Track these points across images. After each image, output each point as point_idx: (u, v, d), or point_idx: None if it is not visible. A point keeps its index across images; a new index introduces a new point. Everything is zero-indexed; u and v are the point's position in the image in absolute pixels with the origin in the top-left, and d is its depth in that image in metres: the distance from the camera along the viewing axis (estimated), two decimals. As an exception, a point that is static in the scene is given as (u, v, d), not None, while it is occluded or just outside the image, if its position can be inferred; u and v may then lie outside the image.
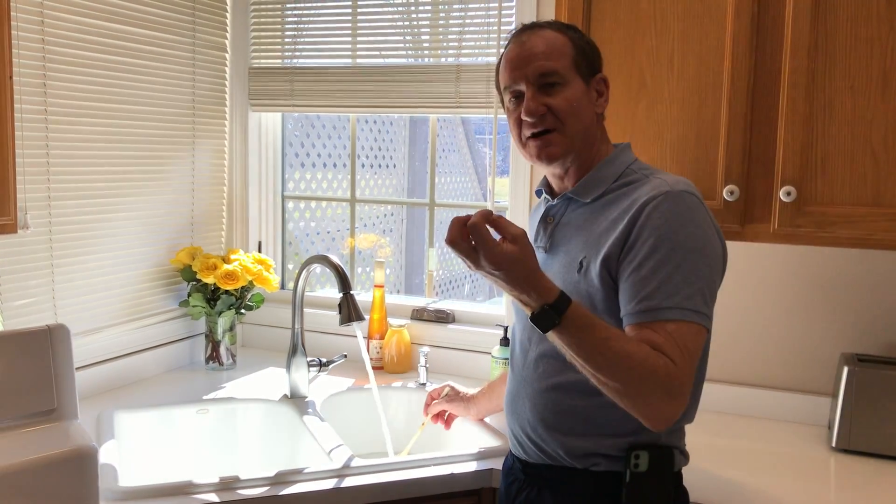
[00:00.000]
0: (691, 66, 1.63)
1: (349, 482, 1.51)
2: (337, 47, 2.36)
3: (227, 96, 2.44)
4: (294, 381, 1.95)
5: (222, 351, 2.24)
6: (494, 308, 2.34)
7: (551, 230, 1.35)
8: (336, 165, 4.93)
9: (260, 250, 2.52)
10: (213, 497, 1.42)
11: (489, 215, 1.10)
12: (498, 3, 2.14)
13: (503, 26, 2.14)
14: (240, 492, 1.45)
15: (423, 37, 2.28)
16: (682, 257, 1.16)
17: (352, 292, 1.80)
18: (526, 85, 1.28)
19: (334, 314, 1.88)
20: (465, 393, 1.80)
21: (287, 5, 2.40)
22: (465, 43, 2.20)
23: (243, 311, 2.26)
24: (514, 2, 2.11)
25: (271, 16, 2.42)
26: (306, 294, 2.21)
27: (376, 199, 5.25)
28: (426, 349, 2.12)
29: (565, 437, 1.28)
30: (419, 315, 2.34)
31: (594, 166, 1.32)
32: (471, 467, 1.58)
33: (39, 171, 1.82)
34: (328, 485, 1.49)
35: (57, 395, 1.33)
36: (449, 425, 1.83)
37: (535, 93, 1.27)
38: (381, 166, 5.54)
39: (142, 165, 2.11)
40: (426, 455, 1.61)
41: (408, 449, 1.82)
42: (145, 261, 2.15)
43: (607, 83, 1.34)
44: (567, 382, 1.26)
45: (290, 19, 2.40)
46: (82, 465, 1.24)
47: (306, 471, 1.51)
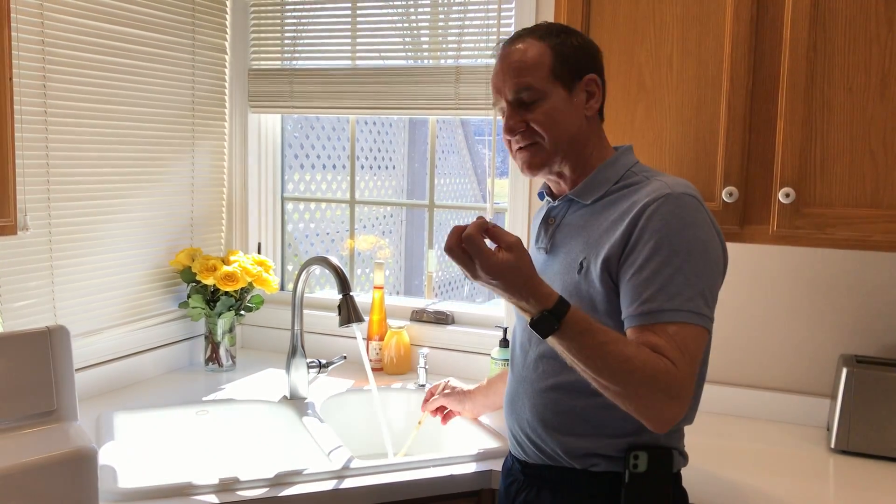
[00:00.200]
0: (690, 68, 1.63)
1: (349, 483, 1.51)
2: (336, 49, 2.36)
3: (226, 98, 2.44)
4: (293, 382, 1.95)
5: (222, 352, 2.24)
6: (494, 309, 2.34)
7: (552, 231, 1.35)
8: (335, 167, 4.94)
9: (259, 252, 2.52)
10: (212, 498, 1.42)
11: (484, 224, 1.12)
12: (497, 4, 2.14)
13: (503, 28, 2.14)
14: (239, 493, 1.45)
15: (423, 38, 2.28)
16: (683, 259, 1.16)
17: (351, 294, 1.81)
18: (505, 102, 1.30)
19: (334, 315, 1.88)
20: (462, 389, 1.80)
21: (286, 7, 2.40)
22: (464, 44, 2.20)
23: (243, 312, 2.27)
24: (514, 3, 2.11)
25: (271, 17, 2.42)
26: (306, 295, 2.21)
27: (376, 201, 5.25)
28: (426, 350, 2.12)
29: (564, 437, 1.28)
30: (419, 316, 2.34)
31: (593, 168, 1.32)
32: (470, 468, 1.58)
33: (39, 172, 1.82)
34: (328, 486, 1.49)
35: (57, 396, 1.33)
36: (446, 421, 1.83)
37: (514, 110, 1.29)
38: (380, 168, 5.55)
39: (141, 167, 2.11)
40: (426, 456, 1.61)
41: (405, 449, 1.82)
42: (145, 262, 2.15)
43: (599, 83, 1.31)
44: (567, 383, 1.26)
45: (289, 21, 2.40)
46: (82, 466, 1.24)
47: (306, 472, 1.52)
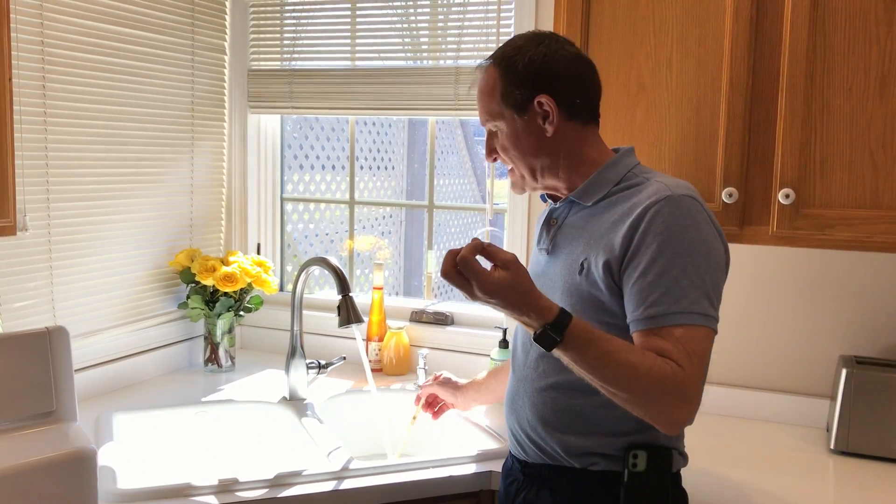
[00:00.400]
0: (690, 69, 1.63)
1: (348, 484, 1.51)
2: (336, 49, 2.36)
3: (225, 98, 2.44)
4: (293, 383, 1.95)
5: (221, 353, 2.24)
6: (493, 310, 2.34)
7: (554, 232, 1.35)
8: (335, 167, 4.93)
9: (259, 252, 2.52)
10: (211, 499, 1.42)
11: (479, 246, 1.14)
12: (497, 5, 2.14)
13: (502, 28, 2.14)
14: (239, 494, 1.45)
15: (422, 39, 2.28)
16: (687, 261, 1.17)
17: (351, 294, 1.81)
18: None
19: (333, 316, 1.88)
20: (456, 381, 1.81)
21: (286, 7, 2.40)
22: (463, 45, 2.20)
23: (242, 313, 2.26)
24: (513, 4, 2.11)
25: (270, 18, 2.42)
26: (305, 296, 2.21)
27: (375, 202, 5.25)
28: (425, 351, 2.12)
29: (564, 435, 1.29)
30: (418, 317, 2.34)
31: (586, 174, 1.32)
32: (470, 469, 1.58)
33: (38, 172, 1.82)
34: (327, 487, 1.49)
35: (56, 397, 1.33)
36: (438, 415, 1.82)
37: (489, 136, 1.37)
38: (379, 168, 5.55)
39: (141, 167, 2.11)
40: (425, 457, 1.61)
41: (401, 447, 1.82)
42: (144, 263, 2.15)
43: (551, 104, 1.27)
44: (566, 381, 1.26)
45: (289, 21, 2.40)
46: (81, 467, 1.24)
47: (305, 473, 1.51)
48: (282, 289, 2.56)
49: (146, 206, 2.14)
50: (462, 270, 1.12)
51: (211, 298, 2.21)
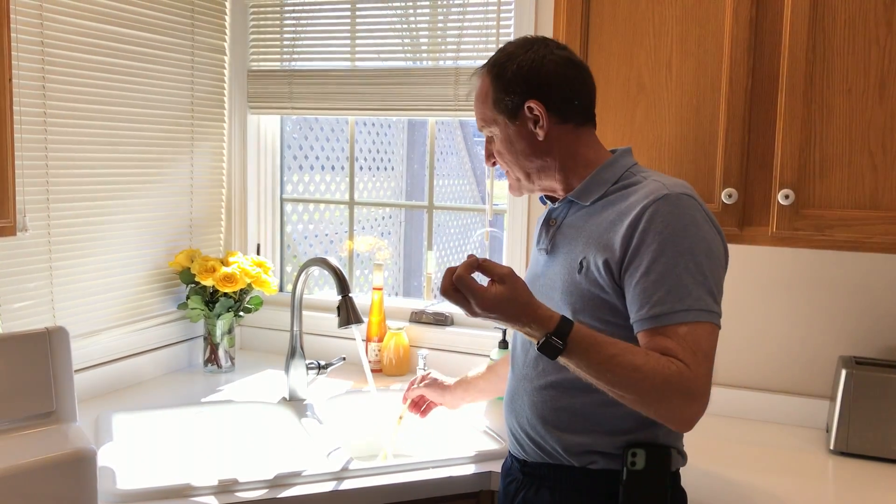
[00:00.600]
0: (690, 70, 1.63)
1: (348, 485, 1.51)
2: (336, 50, 2.36)
3: (225, 99, 2.44)
4: (293, 383, 1.95)
5: (221, 353, 2.24)
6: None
7: (553, 233, 1.36)
8: (335, 168, 4.93)
9: (259, 253, 2.52)
10: (211, 500, 1.42)
11: (474, 262, 1.15)
12: (496, 6, 2.14)
13: (502, 29, 2.14)
14: (238, 494, 1.45)
15: (422, 40, 2.28)
16: (689, 259, 1.18)
17: (350, 295, 1.81)
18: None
19: (333, 317, 1.88)
20: (443, 381, 1.80)
21: (286, 8, 2.40)
22: (463, 46, 2.21)
23: (242, 313, 2.27)
24: (513, 5, 2.11)
25: (270, 18, 2.43)
26: (305, 297, 2.21)
27: (375, 202, 5.25)
28: (425, 352, 2.12)
29: (563, 434, 1.29)
30: (418, 318, 2.34)
31: (583, 176, 1.33)
32: (470, 470, 1.58)
33: (38, 173, 1.82)
34: (327, 487, 1.49)
35: (56, 397, 1.33)
36: (426, 414, 1.82)
37: (486, 143, 1.40)
38: (379, 169, 5.55)
39: (140, 168, 2.11)
40: (425, 458, 1.62)
41: (390, 447, 1.82)
42: (144, 263, 2.15)
43: (538, 107, 1.29)
44: (565, 380, 1.26)
45: (288, 22, 2.41)
46: (81, 467, 1.24)
47: (305, 473, 1.51)
48: (281, 289, 2.56)
49: (146, 206, 2.14)
50: (459, 288, 1.13)
51: (211, 299, 2.21)
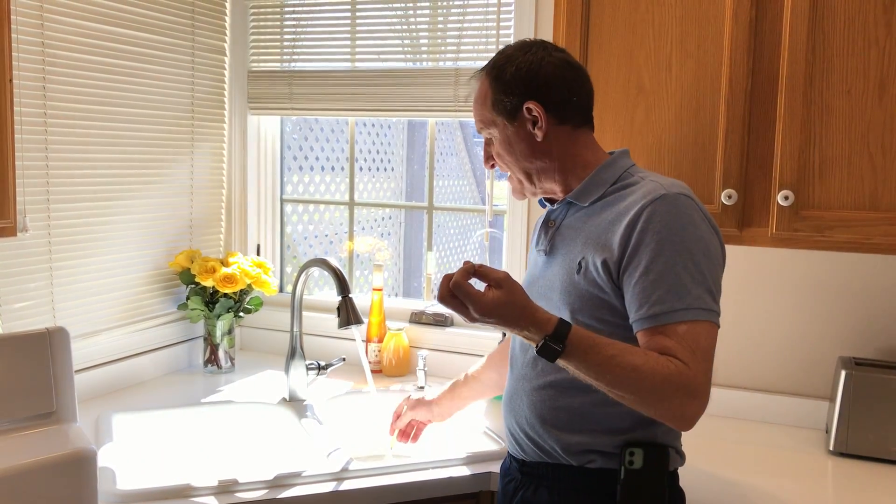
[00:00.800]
0: (689, 71, 1.63)
1: (347, 485, 1.51)
2: (336, 51, 2.36)
3: (225, 99, 2.44)
4: (292, 384, 1.95)
5: (221, 354, 2.24)
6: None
7: (552, 234, 1.36)
8: (335, 169, 4.93)
9: (259, 253, 2.52)
10: (211, 500, 1.42)
11: (471, 268, 1.16)
12: (497, 7, 2.15)
13: (502, 30, 2.14)
14: (238, 495, 1.45)
15: (422, 41, 2.28)
16: (687, 258, 1.18)
17: (350, 295, 1.81)
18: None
19: (333, 317, 1.88)
20: (425, 399, 1.76)
21: (286, 9, 2.40)
22: (463, 47, 2.21)
23: (242, 314, 2.27)
24: (513, 5, 2.12)
25: (270, 19, 2.43)
26: (305, 297, 2.21)
27: (375, 203, 5.25)
28: (425, 352, 2.12)
29: (562, 433, 1.29)
30: (418, 318, 2.34)
31: (582, 177, 1.33)
32: (469, 470, 1.58)
33: (39, 173, 1.82)
34: (327, 488, 1.49)
35: (56, 397, 1.33)
36: (416, 438, 1.77)
37: (485, 146, 1.40)
38: (379, 170, 5.55)
39: (141, 168, 2.12)
40: (425, 458, 1.62)
41: (389, 449, 1.81)
42: (144, 264, 2.15)
43: (536, 108, 1.29)
44: (564, 379, 1.27)
45: (289, 23, 2.41)
46: (81, 467, 1.24)
47: (304, 474, 1.52)
48: (281, 290, 2.56)
49: (146, 207, 2.14)
50: (457, 294, 1.14)
51: (211, 299, 2.21)
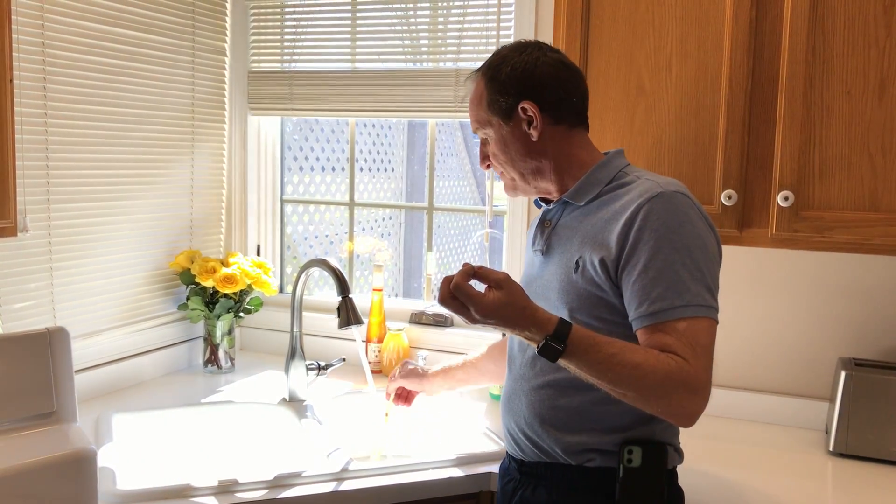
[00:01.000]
0: (689, 71, 1.63)
1: (347, 485, 1.51)
2: (336, 51, 2.36)
3: (226, 100, 2.44)
4: (292, 384, 1.95)
5: (221, 354, 2.24)
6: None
7: (548, 234, 1.37)
8: (335, 169, 4.93)
9: (259, 254, 2.52)
10: (211, 500, 1.42)
11: (470, 270, 1.16)
12: (497, 7, 2.15)
13: (502, 30, 2.14)
14: (238, 495, 1.45)
15: (422, 41, 2.29)
16: (686, 256, 1.19)
17: (350, 296, 1.81)
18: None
19: (333, 318, 1.88)
20: (420, 369, 1.80)
21: (286, 9, 2.40)
22: (463, 47, 2.21)
23: (242, 314, 2.27)
24: (513, 6, 2.12)
25: (271, 20, 2.43)
26: (305, 297, 2.21)
27: (375, 203, 5.25)
28: (425, 353, 2.12)
29: (561, 432, 1.30)
30: (417, 319, 2.34)
31: (577, 177, 1.34)
32: (469, 471, 1.59)
33: (39, 174, 1.82)
34: (327, 488, 1.49)
35: (56, 397, 1.33)
36: (410, 402, 1.81)
37: (481, 146, 1.41)
38: (379, 170, 5.55)
39: (141, 168, 2.12)
40: (424, 459, 1.62)
41: (381, 447, 1.81)
42: (144, 264, 2.15)
43: (532, 108, 1.30)
44: (562, 379, 1.27)
45: (289, 23, 2.41)
46: (81, 467, 1.24)
47: (304, 474, 1.52)
48: (281, 290, 2.56)
49: (146, 207, 2.14)
50: (457, 296, 1.14)
51: (211, 300, 2.21)
